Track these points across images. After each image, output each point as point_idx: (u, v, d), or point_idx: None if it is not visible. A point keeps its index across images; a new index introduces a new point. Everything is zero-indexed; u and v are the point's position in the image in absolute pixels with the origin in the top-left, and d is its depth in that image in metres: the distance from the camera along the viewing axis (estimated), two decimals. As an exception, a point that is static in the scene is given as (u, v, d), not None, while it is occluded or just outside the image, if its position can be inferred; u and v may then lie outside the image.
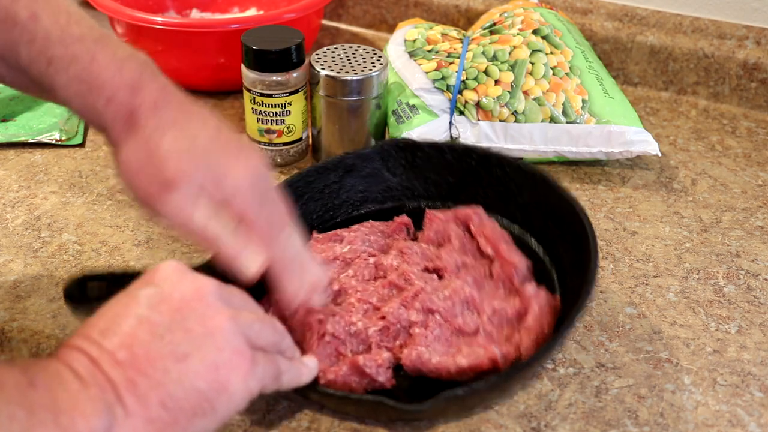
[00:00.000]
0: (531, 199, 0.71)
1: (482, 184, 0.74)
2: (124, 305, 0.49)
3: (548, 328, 0.60)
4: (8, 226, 0.76)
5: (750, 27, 0.95)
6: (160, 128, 0.55)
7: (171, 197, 0.54)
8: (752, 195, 0.82)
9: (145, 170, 0.54)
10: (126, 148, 0.55)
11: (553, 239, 0.69)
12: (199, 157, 0.54)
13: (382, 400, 0.53)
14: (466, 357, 0.57)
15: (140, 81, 0.56)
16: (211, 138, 0.56)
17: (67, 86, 0.56)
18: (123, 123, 0.55)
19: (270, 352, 0.52)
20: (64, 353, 0.47)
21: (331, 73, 0.79)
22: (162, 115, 0.55)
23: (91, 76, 0.55)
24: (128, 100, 0.55)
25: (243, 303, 0.53)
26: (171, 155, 0.54)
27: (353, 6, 1.13)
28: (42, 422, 0.42)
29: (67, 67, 0.55)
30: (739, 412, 0.59)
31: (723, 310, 0.68)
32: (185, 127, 0.55)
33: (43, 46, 0.56)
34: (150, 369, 0.46)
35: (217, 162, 0.55)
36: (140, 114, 0.55)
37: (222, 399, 0.48)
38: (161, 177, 0.54)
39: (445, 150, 0.75)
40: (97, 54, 0.56)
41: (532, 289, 0.62)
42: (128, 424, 0.45)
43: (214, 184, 0.54)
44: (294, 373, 0.54)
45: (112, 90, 0.55)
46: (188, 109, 0.57)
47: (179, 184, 0.54)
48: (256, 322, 0.51)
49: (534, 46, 0.85)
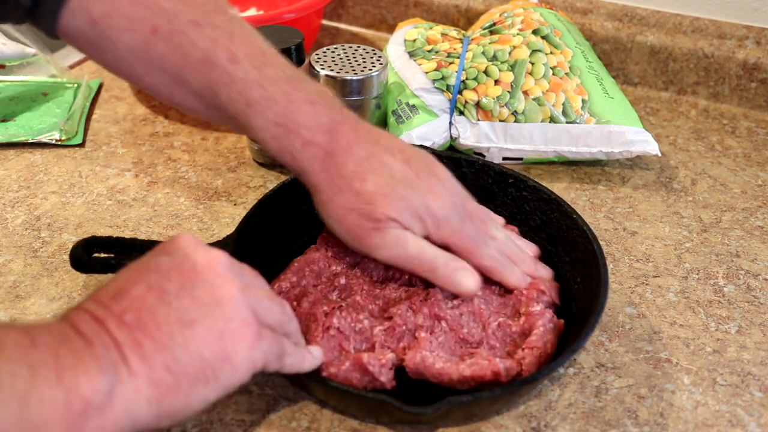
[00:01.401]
0: (543, 222, 0.71)
1: (495, 202, 0.74)
2: (136, 272, 0.49)
3: (551, 348, 0.60)
4: (8, 226, 0.76)
5: (750, 27, 0.95)
6: (361, 166, 0.59)
7: (383, 234, 0.59)
8: (752, 195, 0.82)
9: (354, 213, 0.60)
10: (329, 192, 0.60)
11: (561, 264, 0.69)
12: (401, 194, 0.59)
13: (388, 400, 0.53)
14: (469, 366, 0.57)
15: (333, 122, 0.60)
16: (405, 167, 0.61)
17: (264, 128, 0.59)
18: (320, 165, 0.60)
19: (276, 331, 0.52)
20: (71, 315, 0.47)
21: (331, 73, 0.79)
22: (357, 153, 0.60)
23: (288, 119, 0.59)
24: (325, 142, 0.60)
25: (254, 279, 0.54)
26: (377, 197, 0.59)
27: (353, 6, 1.13)
28: (45, 379, 0.42)
29: (266, 110, 0.59)
30: (739, 412, 0.59)
31: (723, 310, 0.68)
32: (382, 161, 0.60)
33: (243, 88, 0.59)
34: (156, 332, 0.46)
35: (417, 194, 0.60)
36: (339, 152, 0.59)
37: (225, 368, 0.48)
38: (375, 213, 0.59)
39: (463, 163, 0.75)
40: (292, 96, 0.59)
41: (538, 308, 0.62)
42: (131, 383, 0.45)
43: (423, 210, 0.60)
44: (297, 358, 0.54)
45: (309, 133, 0.59)
46: (376, 139, 0.62)
47: (395, 217, 0.59)
48: (266, 299, 0.52)
49: (534, 46, 0.85)
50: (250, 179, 0.83)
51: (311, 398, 0.59)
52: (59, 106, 0.93)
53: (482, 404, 0.56)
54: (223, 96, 0.59)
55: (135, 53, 0.60)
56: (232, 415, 0.58)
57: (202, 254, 0.50)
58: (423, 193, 0.60)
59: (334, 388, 0.55)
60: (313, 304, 0.61)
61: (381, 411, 0.56)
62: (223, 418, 0.58)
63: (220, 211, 0.78)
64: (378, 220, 0.59)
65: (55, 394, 0.42)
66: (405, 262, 0.61)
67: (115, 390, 0.44)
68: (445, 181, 0.63)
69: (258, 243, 0.66)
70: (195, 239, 0.51)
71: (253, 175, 0.83)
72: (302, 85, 0.60)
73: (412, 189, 0.60)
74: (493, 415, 0.58)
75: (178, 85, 0.61)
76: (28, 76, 0.98)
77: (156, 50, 0.59)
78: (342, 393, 0.56)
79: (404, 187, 0.60)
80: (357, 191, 0.59)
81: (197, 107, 0.62)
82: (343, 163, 0.59)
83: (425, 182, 0.61)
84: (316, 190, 0.61)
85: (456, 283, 0.61)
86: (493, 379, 0.57)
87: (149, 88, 0.63)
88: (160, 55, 0.59)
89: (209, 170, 0.84)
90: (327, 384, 0.55)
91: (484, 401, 0.55)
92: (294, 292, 0.64)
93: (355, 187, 0.59)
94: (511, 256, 0.64)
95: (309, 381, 0.56)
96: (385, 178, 0.59)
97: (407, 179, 0.60)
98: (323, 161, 0.59)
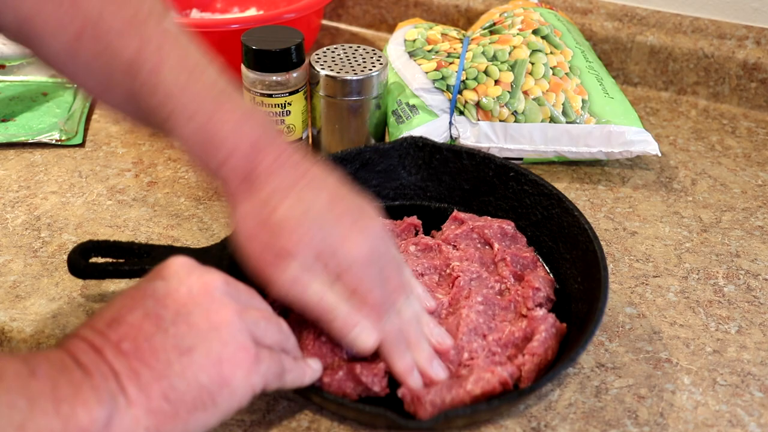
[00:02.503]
0: (543, 217, 0.71)
1: (495, 195, 0.74)
2: (131, 298, 0.49)
3: (552, 354, 0.60)
4: (8, 226, 0.76)
5: (750, 27, 0.95)
6: (277, 194, 0.55)
7: (285, 267, 0.54)
8: (752, 195, 0.82)
9: (260, 237, 0.55)
10: (242, 209, 0.56)
11: (561, 261, 0.68)
12: (314, 228, 0.55)
13: (384, 414, 0.53)
14: (475, 384, 0.56)
15: (259, 141, 0.57)
16: (326, 206, 0.56)
17: (186, 139, 0.57)
18: (240, 181, 0.56)
19: (274, 351, 0.52)
20: (68, 343, 0.47)
21: (331, 73, 0.79)
22: (279, 178, 0.56)
23: (209, 134, 0.56)
24: (247, 159, 0.56)
25: (250, 299, 0.53)
26: (286, 224, 0.54)
27: (353, 6, 1.13)
28: (43, 411, 0.42)
29: (186, 123, 0.57)
30: (739, 412, 0.59)
31: (723, 310, 0.68)
32: (302, 194, 0.55)
33: (163, 100, 0.57)
34: (153, 360, 0.46)
35: (331, 233, 0.55)
36: (258, 174, 0.56)
37: (224, 393, 0.48)
38: (276, 246, 0.54)
39: (464, 155, 0.75)
40: (217, 110, 0.57)
41: (541, 312, 0.62)
42: (129, 413, 0.45)
43: (329, 255, 0.55)
44: (298, 373, 0.54)
45: (230, 148, 0.56)
46: (305, 172, 0.57)
47: (294, 254, 0.54)
48: (262, 320, 0.52)
49: (534, 46, 0.85)
50: (250, 179, 0.83)
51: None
52: (59, 106, 0.93)
53: (480, 415, 0.56)
54: (144, 106, 0.58)
55: (63, 55, 0.58)
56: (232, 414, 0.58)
57: (197, 278, 0.50)
58: (335, 238, 0.55)
59: (331, 400, 0.55)
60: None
61: (377, 421, 0.56)
62: (223, 418, 0.58)
63: (220, 211, 0.78)
64: (278, 254, 0.54)
65: (52, 424, 0.42)
66: (302, 307, 0.56)
67: (113, 420, 0.44)
68: (369, 235, 0.56)
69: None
70: (190, 262, 0.51)
71: (253, 175, 0.83)
72: (231, 101, 0.58)
73: (322, 230, 0.55)
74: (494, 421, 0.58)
75: (108, 89, 0.60)
76: (28, 76, 0.98)
77: (82, 55, 0.58)
78: (339, 405, 0.56)
79: (316, 226, 0.55)
80: (264, 220, 0.55)
81: (128, 112, 0.61)
82: (259, 188, 0.56)
83: (344, 228, 0.56)
84: (232, 204, 0.57)
85: (352, 339, 0.56)
86: (502, 389, 0.57)
87: (85, 88, 0.61)
88: (86, 60, 0.58)
89: (209, 170, 0.84)
90: (323, 396, 0.55)
91: (482, 413, 0.55)
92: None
93: (263, 215, 0.55)
94: (410, 341, 0.58)
95: (306, 391, 0.56)
96: (297, 212, 0.55)
97: (322, 219, 0.55)
98: (242, 180, 0.56)
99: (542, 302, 0.64)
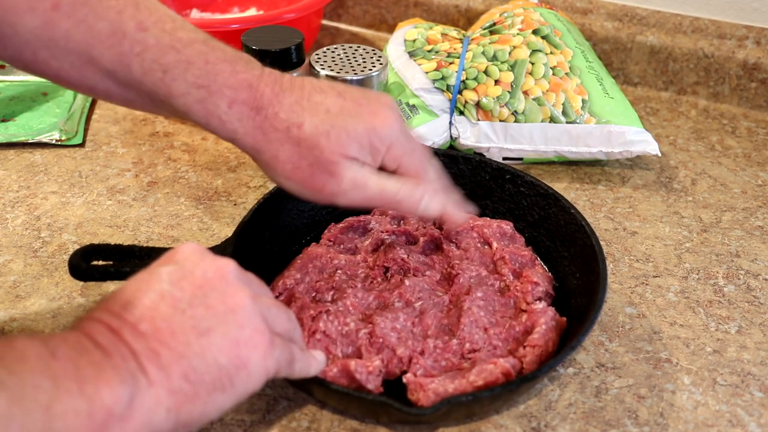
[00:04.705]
0: (541, 217, 0.71)
1: (493, 198, 0.74)
2: (145, 281, 0.49)
3: (552, 346, 0.60)
4: (8, 226, 0.76)
5: (750, 27, 0.95)
6: (292, 115, 0.56)
7: (339, 179, 0.57)
8: (752, 195, 0.82)
9: (302, 164, 0.57)
10: (269, 150, 0.57)
11: (560, 259, 0.69)
12: (342, 127, 0.56)
13: (388, 402, 0.53)
14: (477, 375, 0.57)
15: (254, 77, 0.57)
16: (340, 102, 0.57)
17: (186, 93, 0.57)
18: (252, 123, 0.57)
19: (284, 338, 0.52)
20: (84, 325, 0.46)
21: (331, 73, 0.79)
22: (285, 101, 0.57)
23: (209, 80, 0.56)
24: (250, 98, 0.57)
25: (260, 288, 0.54)
26: (319, 139, 0.56)
27: (353, 6, 1.13)
28: (68, 391, 0.42)
29: (184, 73, 0.56)
30: (739, 412, 0.59)
31: (723, 310, 0.68)
32: (313, 104, 0.57)
33: (156, 55, 0.56)
34: (172, 341, 0.46)
35: (360, 121, 0.57)
36: (265, 107, 0.57)
37: (241, 375, 0.48)
38: (321, 163, 0.56)
39: (460, 160, 0.75)
40: (209, 56, 0.57)
41: (541, 306, 0.62)
42: (151, 393, 0.45)
43: (370, 142, 0.57)
44: (304, 363, 0.54)
45: (233, 91, 0.56)
46: (302, 85, 0.58)
47: (340, 161, 0.56)
48: (274, 307, 0.52)
49: (534, 46, 0.85)
50: (250, 179, 0.83)
51: (311, 398, 0.59)
52: (59, 106, 0.93)
53: (482, 403, 0.56)
54: (137, 68, 0.56)
55: (37, 35, 0.56)
56: (232, 415, 0.58)
57: (211, 263, 0.50)
58: (366, 118, 0.57)
59: (334, 391, 0.55)
60: (300, 309, 0.61)
61: (381, 412, 0.56)
62: (223, 418, 0.58)
63: (220, 211, 0.78)
64: (329, 162, 0.56)
65: (78, 404, 0.42)
66: (368, 203, 0.59)
67: (136, 400, 0.44)
68: (386, 104, 0.59)
69: (258, 243, 0.66)
70: (200, 247, 0.51)
71: (253, 175, 0.83)
72: (218, 46, 0.58)
73: (352, 117, 0.57)
74: (492, 414, 0.58)
75: (88, 65, 0.57)
76: (28, 76, 0.98)
77: (60, 28, 0.55)
78: (342, 395, 0.56)
79: (344, 118, 0.56)
80: (297, 140, 0.56)
81: (111, 88, 0.59)
82: (273, 115, 0.56)
83: (366, 107, 0.58)
84: (255, 151, 0.58)
85: (423, 212, 0.60)
86: (505, 380, 0.57)
87: (58, 75, 0.59)
88: (64, 34, 0.56)
89: (209, 170, 0.84)
90: (327, 386, 0.55)
91: (484, 400, 0.55)
92: (282, 298, 0.64)
93: (293, 136, 0.56)
94: (445, 188, 0.64)
95: (309, 383, 0.56)
96: (321, 116, 0.56)
97: (345, 110, 0.57)
98: (253, 119, 0.57)
99: (541, 296, 0.64)
